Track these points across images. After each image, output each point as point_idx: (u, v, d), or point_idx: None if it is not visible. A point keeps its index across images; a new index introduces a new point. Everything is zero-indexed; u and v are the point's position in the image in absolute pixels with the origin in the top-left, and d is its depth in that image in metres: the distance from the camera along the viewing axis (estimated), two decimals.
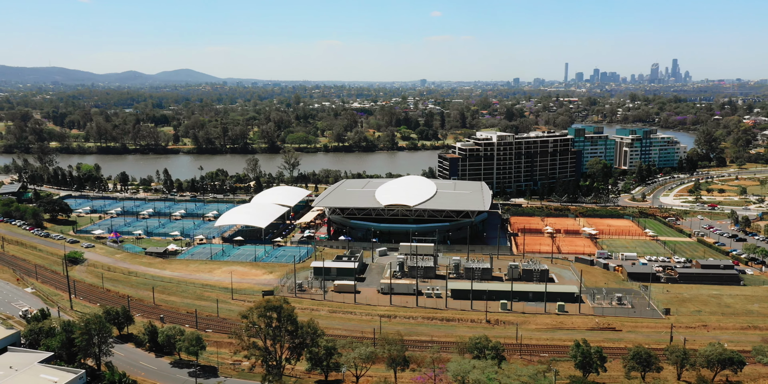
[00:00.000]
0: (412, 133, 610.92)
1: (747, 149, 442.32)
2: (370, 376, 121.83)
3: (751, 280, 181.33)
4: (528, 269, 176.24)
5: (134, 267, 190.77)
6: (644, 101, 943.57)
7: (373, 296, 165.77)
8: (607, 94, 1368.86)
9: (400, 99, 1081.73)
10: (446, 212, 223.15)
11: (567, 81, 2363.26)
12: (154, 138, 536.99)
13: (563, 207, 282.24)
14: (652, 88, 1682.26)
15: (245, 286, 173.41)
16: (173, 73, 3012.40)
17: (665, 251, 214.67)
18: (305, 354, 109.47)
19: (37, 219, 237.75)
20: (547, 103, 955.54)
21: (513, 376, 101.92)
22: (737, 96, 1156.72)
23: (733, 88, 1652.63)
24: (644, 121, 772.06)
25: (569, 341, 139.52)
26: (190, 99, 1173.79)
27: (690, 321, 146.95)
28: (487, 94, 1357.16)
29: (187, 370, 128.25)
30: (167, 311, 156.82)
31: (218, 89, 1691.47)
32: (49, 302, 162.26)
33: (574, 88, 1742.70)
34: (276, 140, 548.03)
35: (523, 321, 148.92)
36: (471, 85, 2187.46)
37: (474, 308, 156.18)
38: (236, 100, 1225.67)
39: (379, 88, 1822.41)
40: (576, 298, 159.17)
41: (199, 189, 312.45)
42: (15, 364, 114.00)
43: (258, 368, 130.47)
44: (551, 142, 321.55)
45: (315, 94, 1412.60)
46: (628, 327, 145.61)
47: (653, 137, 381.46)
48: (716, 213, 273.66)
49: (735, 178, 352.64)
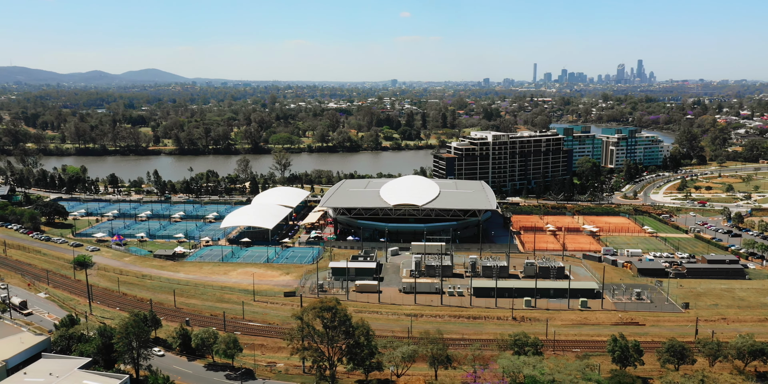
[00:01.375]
0: (395, 133, 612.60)
1: (723, 148, 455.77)
2: (409, 374, 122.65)
3: (755, 274, 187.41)
4: (544, 266, 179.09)
5: (146, 270, 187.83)
6: (616, 101, 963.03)
7: (396, 295, 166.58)
8: (578, 94, 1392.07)
9: (377, 99, 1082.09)
10: (453, 211, 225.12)
11: (536, 81, 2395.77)
12: (134, 139, 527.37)
13: (560, 205, 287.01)
14: (619, 88, 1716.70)
15: (264, 287, 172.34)
16: (139, 73, 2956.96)
17: (666, 247, 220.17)
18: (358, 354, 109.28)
19: (34, 222, 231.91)
20: (522, 103, 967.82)
21: (564, 372, 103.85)
22: (702, 96, 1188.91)
23: (697, 88, 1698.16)
24: (618, 120, 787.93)
25: (596, 336, 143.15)
26: (161, 99, 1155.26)
27: (709, 314, 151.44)
28: (460, 94, 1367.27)
29: (223, 373, 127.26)
30: (190, 314, 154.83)
31: (189, 89, 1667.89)
32: (66, 307, 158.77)
33: (544, 88, 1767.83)
34: (259, 141, 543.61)
35: (549, 317, 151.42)
36: (442, 85, 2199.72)
37: (498, 306, 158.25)
38: (209, 100, 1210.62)
39: (351, 89, 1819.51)
40: (596, 294, 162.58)
41: (194, 191, 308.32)
42: (55, 371, 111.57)
43: (293, 370, 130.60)
44: (544, 141, 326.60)
45: (288, 95, 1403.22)
46: (650, 321, 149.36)
47: (638, 136, 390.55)
48: (707, 210, 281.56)
49: (718, 176, 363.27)
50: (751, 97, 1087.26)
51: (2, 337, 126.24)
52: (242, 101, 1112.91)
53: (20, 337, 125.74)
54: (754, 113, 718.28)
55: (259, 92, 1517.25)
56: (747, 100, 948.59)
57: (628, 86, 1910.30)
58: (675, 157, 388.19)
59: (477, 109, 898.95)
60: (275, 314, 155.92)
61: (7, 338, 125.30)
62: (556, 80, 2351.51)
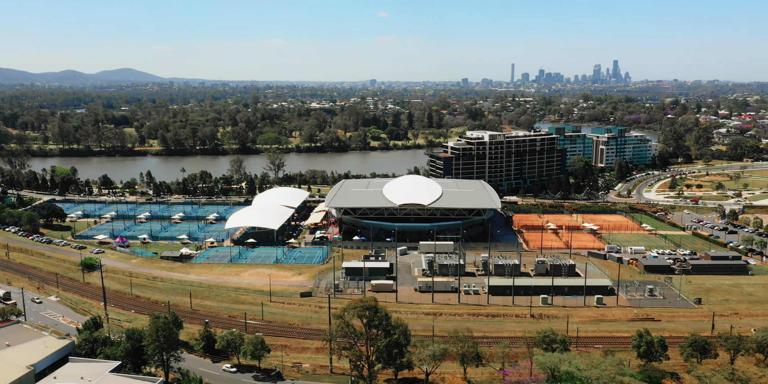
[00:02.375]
0: (382, 133, 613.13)
1: (707, 147, 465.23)
2: (438, 372, 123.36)
3: (757, 269, 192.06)
4: (556, 264, 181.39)
5: (156, 272, 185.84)
6: (597, 101, 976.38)
7: (412, 295, 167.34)
8: (557, 94, 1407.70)
9: (359, 99, 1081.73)
10: (458, 210, 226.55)
11: (514, 81, 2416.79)
12: (119, 139, 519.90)
13: (557, 204, 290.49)
14: (596, 88, 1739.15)
15: (278, 288, 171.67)
16: (114, 73, 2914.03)
17: (667, 245, 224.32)
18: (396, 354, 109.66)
19: (33, 225, 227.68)
20: (505, 103, 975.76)
21: (601, 367, 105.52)
22: (678, 96, 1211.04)
23: (672, 88, 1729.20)
24: (600, 120, 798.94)
25: (615, 332, 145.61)
26: (140, 99, 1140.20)
27: (721, 309, 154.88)
28: (441, 94, 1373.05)
29: (250, 375, 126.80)
30: (207, 316, 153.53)
31: (167, 89, 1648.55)
32: (80, 311, 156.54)
33: (523, 88, 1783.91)
34: (247, 141, 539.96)
35: (566, 314, 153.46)
36: (421, 85, 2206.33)
37: (515, 303, 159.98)
38: (188, 100, 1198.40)
39: (332, 89, 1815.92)
40: (609, 290, 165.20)
41: (190, 192, 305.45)
42: (86, 375, 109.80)
43: (320, 370, 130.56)
44: (539, 141, 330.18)
45: (269, 95, 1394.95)
46: (665, 317, 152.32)
47: (627, 135, 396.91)
48: (700, 207, 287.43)
49: (705, 174, 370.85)
50: (726, 97, 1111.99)
51: (24, 341, 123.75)
52: (223, 101, 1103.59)
53: (44, 341, 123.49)
54: (732, 113, 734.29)
55: (239, 92, 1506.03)
56: (722, 100, 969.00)
57: (605, 86, 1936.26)
58: (663, 156, 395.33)
59: (460, 108, 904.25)
60: (294, 315, 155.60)
61: (31, 342, 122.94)
62: (533, 80, 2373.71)
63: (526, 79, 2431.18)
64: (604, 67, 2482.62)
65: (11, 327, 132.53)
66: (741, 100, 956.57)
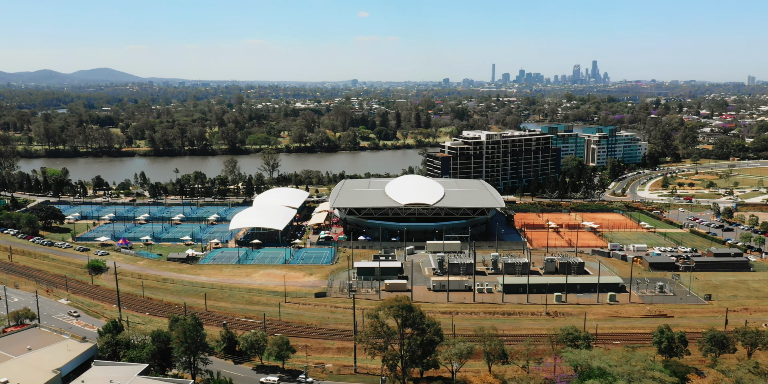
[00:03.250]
0: (371, 133, 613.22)
1: (693, 146, 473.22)
2: (463, 371, 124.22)
3: (758, 266, 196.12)
4: (565, 263, 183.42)
5: (165, 274, 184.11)
6: (580, 101, 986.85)
7: (426, 294, 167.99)
8: (539, 94, 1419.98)
9: (344, 99, 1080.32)
10: (463, 210, 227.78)
11: (495, 81, 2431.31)
12: (106, 140, 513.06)
13: (554, 203, 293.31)
14: (576, 89, 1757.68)
15: (292, 288, 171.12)
16: (91, 72, 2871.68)
17: (666, 242, 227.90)
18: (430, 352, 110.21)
19: (33, 227, 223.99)
20: (489, 103, 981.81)
21: (631, 362, 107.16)
22: (657, 96, 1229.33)
23: (651, 88, 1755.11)
24: (584, 120, 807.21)
25: (630, 329, 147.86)
26: (122, 99, 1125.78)
27: (731, 305, 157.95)
28: (424, 94, 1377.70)
29: (275, 376, 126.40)
30: (224, 317, 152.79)
31: (147, 89, 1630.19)
32: (92, 314, 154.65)
33: (505, 88, 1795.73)
34: (236, 141, 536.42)
35: (581, 312, 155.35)
36: (403, 85, 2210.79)
37: (529, 302, 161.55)
38: (170, 100, 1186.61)
39: (314, 89, 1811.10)
40: (621, 288, 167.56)
41: (187, 192, 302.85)
42: (114, 378, 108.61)
43: (344, 370, 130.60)
44: (534, 140, 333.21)
45: (251, 95, 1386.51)
46: (678, 313, 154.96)
47: (618, 135, 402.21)
48: (694, 205, 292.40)
49: (695, 173, 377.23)
50: (704, 97, 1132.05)
51: (45, 345, 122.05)
52: (206, 101, 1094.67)
53: (66, 344, 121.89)
54: (713, 113, 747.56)
55: (220, 92, 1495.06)
56: (701, 100, 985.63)
57: (585, 87, 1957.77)
58: (653, 155, 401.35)
59: (445, 108, 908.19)
60: (310, 315, 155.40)
61: (53, 346, 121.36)
62: (514, 80, 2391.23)
63: (507, 80, 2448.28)
64: (584, 67, 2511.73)
65: (29, 331, 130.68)
66: (720, 100, 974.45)
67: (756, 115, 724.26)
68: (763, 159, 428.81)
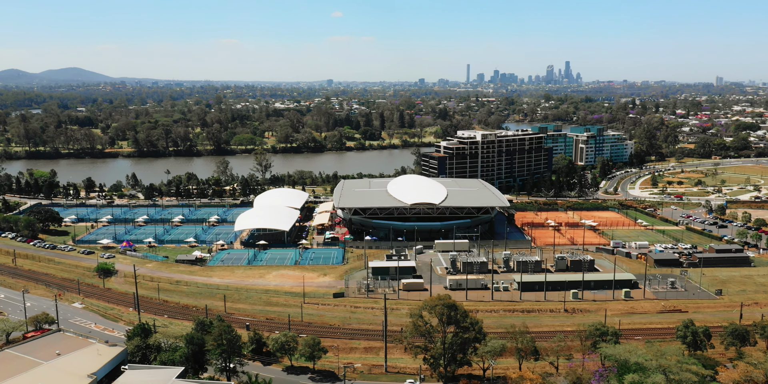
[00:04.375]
0: (356, 133, 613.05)
1: (675, 145, 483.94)
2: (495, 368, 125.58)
3: (758, 261, 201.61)
4: (576, 260, 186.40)
5: (177, 276, 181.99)
6: (558, 101, 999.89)
7: (444, 293, 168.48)
8: (515, 94, 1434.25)
9: (324, 99, 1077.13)
10: (467, 209, 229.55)
11: (470, 81, 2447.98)
12: (88, 141, 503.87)
13: (550, 201, 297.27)
14: (550, 89, 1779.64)
15: (309, 289, 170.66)
16: (60, 72, 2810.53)
17: (665, 239, 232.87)
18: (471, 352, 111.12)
19: (32, 230, 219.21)
20: (469, 103, 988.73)
21: (666, 356, 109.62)
22: (631, 96, 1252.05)
23: (623, 88, 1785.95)
24: (563, 119, 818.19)
25: (648, 324, 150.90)
26: (96, 100, 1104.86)
27: (742, 300, 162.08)
28: (401, 94, 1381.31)
29: (305, 376, 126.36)
30: (244, 319, 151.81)
31: (120, 89, 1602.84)
32: (110, 317, 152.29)
33: (481, 88, 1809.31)
34: (221, 142, 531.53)
35: (598, 308, 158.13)
36: (379, 85, 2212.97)
37: (546, 299, 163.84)
38: (146, 100, 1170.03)
39: (290, 88, 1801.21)
40: (633, 284, 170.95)
41: (182, 194, 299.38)
42: (152, 382, 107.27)
43: (375, 369, 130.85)
44: (527, 140, 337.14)
45: (228, 94, 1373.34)
46: (692, 308, 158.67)
47: (605, 134, 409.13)
48: (685, 203, 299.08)
49: (681, 172, 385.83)
50: (676, 98, 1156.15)
51: (74, 349, 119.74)
52: (183, 101, 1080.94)
53: (96, 348, 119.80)
54: (689, 113, 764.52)
55: (196, 92, 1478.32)
56: (674, 101, 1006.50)
57: (559, 87, 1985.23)
58: (639, 155, 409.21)
59: (425, 108, 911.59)
60: (332, 315, 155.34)
61: (82, 351, 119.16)
62: (489, 81, 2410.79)
63: (482, 80, 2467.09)
64: (557, 67, 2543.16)
65: (53, 335, 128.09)
66: (692, 101, 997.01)
67: (730, 115, 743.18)
68: (743, 157, 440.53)
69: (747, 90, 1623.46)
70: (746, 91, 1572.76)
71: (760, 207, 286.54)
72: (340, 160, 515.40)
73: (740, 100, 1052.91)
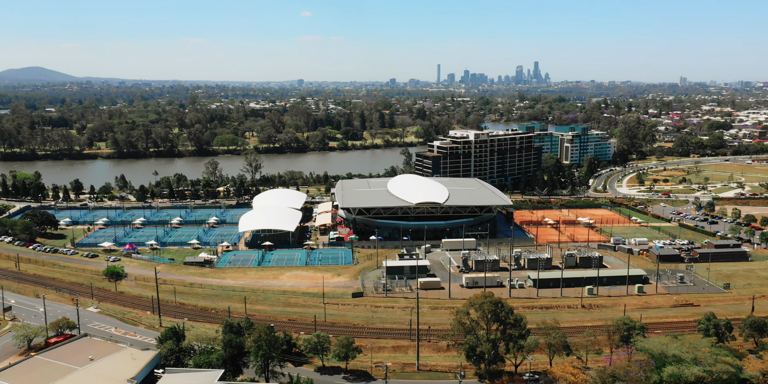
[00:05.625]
0: (338, 133, 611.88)
1: (652, 144, 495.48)
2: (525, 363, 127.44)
3: (755, 256, 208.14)
4: (585, 257, 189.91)
5: (189, 278, 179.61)
6: (532, 101, 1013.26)
7: (461, 291, 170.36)
8: (488, 94, 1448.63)
9: (299, 99, 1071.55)
10: (471, 208, 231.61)
11: (441, 81, 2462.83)
12: (66, 142, 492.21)
13: (544, 200, 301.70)
14: (520, 88, 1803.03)
15: (326, 289, 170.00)
16: (22, 71, 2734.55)
17: (661, 235, 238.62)
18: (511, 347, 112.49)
19: (30, 233, 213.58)
20: (445, 103, 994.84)
21: (700, 348, 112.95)
22: (599, 96, 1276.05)
23: (591, 88, 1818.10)
24: (539, 119, 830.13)
25: (665, 318, 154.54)
26: (64, 100, 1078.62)
27: (750, 293, 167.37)
28: (374, 94, 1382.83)
29: (339, 376, 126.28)
30: (266, 320, 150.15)
31: (87, 89, 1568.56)
32: (128, 321, 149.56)
33: (453, 88, 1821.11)
34: (203, 143, 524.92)
35: (613, 303, 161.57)
36: (350, 85, 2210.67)
37: (563, 295, 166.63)
38: (116, 100, 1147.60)
39: (262, 88, 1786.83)
40: (644, 279, 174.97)
41: (176, 195, 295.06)
42: None
43: (408, 368, 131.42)
44: (518, 139, 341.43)
45: (200, 94, 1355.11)
46: (703, 302, 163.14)
47: (590, 133, 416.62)
48: (673, 200, 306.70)
49: (663, 170, 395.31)
50: (643, 97, 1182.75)
51: (106, 354, 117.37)
52: (155, 101, 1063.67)
53: (130, 353, 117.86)
54: (661, 112, 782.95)
55: (166, 92, 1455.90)
56: (647, 100, 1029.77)
57: (529, 87, 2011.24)
58: (622, 153, 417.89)
59: (402, 108, 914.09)
60: (354, 315, 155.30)
61: (116, 355, 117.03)
62: (460, 80, 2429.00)
63: (453, 80, 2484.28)
64: (526, 68, 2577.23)
65: (81, 340, 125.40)
66: (660, 100, 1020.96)
67: (700, 114, 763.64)
68: (720, 155, 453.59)
69: (711, 90, 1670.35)
70: (710, 91, 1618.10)
71: (745, 203, 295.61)
72: (324, 160, 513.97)
73: (706, 100, 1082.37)
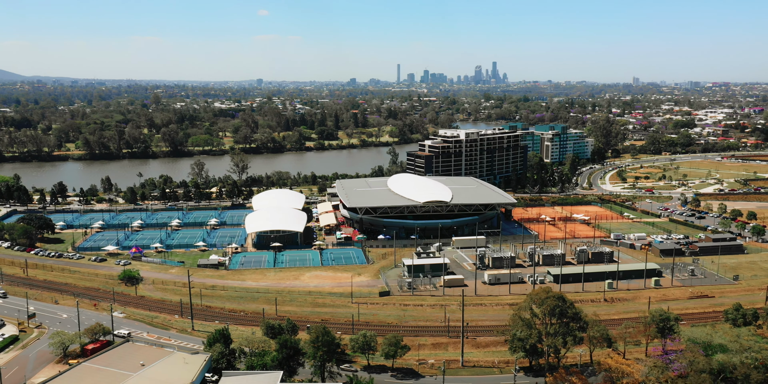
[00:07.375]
0: (313, 133, 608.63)
1: (623, 142, 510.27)
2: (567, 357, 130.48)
3: (750, 248, 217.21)
4: (597, 252, 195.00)
5: (208, 281, 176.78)
6: (498, 100, 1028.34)
7: (484, 288, 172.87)
8: (450, 93, 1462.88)
9: (266, 99, 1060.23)
10: (475, 206, 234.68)
11: (401, 81, 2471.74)
12: (35, 143, 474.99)
13: (535, 197, 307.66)
14: (480, 88, 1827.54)
15: (350, 289, 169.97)
16: None
17: (655, 231, 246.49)
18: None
19: (30, 238, 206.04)
20: (413, 103, 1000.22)
21: (742, 337, 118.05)
22: (557, 95, 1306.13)
23: (549, 88, 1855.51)
24: (506, 118, 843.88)
25: (685, 309, 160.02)
26: (19, 100, 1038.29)
27: (758, 284, 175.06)
28: (336, 94, 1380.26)
29: (387, 375, 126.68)
30: (299, 321, 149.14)
31: (40, 88, 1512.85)
32: (158, 325, 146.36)
33: (414, 88, 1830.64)
34: (178, 143, 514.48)
35: (633, 297, 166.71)
36: (310, 85, 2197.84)
37: (584, 290, 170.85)
38: (73, 100, 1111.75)
39: (222, 88, 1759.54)
40: (658, 273, 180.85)
41: (169, 197, 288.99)
42: None
43: (453, 364, 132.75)
44: (506, 138, 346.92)
45: (159, 94, 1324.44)
46: (717, 293, 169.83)
47: (569, 132, 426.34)
48: (657, 196, 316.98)
49: (640, 167, 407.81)
50: (602, 97, 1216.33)
51: (156, 359, 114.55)
52: (115, 101, 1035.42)
53: (182, 357, 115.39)
54: (624, 112, 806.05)
55: (124, 91, 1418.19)
56: (606, 100, 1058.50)
57: (489, 86, 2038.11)
58: (600, 151, 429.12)
59: (370, 108, 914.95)
60: (385, 314, 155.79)
61: (166, 360, 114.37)
62: (420, 80, 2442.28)
63: (413, 80, 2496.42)
64: (484, 68, 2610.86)
65: (124, 346, 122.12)
66: (619, 100, 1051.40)
67: (661, 113, 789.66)
68: (690, 153, 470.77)
69: (663, 90, 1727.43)
70: (663, 91, 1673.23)
71: (725, 198, 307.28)
72: (302, 160, 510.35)
73: (662, 100, 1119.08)
